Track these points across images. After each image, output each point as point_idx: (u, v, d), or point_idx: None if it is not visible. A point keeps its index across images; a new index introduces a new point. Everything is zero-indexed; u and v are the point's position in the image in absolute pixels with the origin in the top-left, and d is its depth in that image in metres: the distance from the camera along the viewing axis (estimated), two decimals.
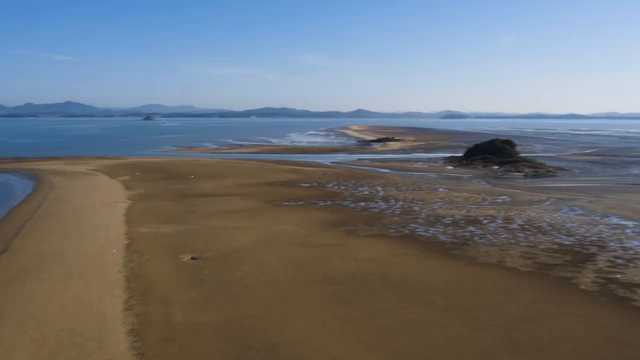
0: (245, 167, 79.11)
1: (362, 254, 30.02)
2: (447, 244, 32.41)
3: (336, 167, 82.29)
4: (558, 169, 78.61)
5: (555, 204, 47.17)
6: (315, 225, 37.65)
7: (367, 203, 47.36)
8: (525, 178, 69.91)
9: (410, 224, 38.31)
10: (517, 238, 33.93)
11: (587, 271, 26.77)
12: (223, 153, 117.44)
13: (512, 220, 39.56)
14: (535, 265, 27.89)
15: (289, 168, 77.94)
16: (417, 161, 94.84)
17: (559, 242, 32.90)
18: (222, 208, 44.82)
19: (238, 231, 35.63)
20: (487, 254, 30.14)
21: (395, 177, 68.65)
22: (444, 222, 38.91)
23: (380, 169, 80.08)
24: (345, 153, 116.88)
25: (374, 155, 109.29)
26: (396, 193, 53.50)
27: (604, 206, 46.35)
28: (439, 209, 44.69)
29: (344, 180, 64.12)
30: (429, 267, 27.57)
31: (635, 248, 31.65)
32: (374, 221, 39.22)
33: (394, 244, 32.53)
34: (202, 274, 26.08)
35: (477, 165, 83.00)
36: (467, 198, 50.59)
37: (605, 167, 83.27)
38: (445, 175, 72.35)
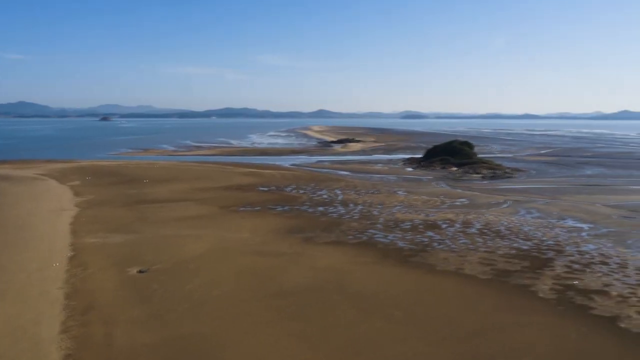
0: (202, 171, 77.25)
1: (319, 262, 29.10)
2: (405, 251, 31.81)
3: (296, 169, 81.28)
4: (515, 170, 79.60)
5: (512, 207, 47.35)
6: (271, 232, 36.53)
7: (326, 208, 46.51)
8: (483, 180, 70.42)
9: (368, 230, 37.62)
10: (475, 243, 33.62)
11: (545, 278, 26.54)
12: (180, 155, 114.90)
13: (471, 225, 39.35)
14: (494, 272, 27.52)
15: (247, 171, 76.51)
16: (377, 163, 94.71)
17: (517, 247, 32.74)
18: (175, 214, 43.21)
19: (191, 240, 34.20)
20: (445, 260, 29.66)
21: (355, 179, 68.10)
22: (402, 227, 38.38)
23: (340, 171, 79.46)
24: (306, 155, 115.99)
25: (334, 157, 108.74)
26: (355, 197, 52.84)
27: (559, 208, 46.77)
28: (398, 213, 44.19)
29: (303, 183, 63.15)
30: (387, 275, 26.85)
31: (590, 252, 31.73)
32: (332, 227, 38.37)
33: (352, 251, 31.73)
34: (150, 289, 24.66)
35: (436, 166, 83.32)
36: (426, 201, 50.34)
37: (560, 168, 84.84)
38: (404, 177, 72.23)
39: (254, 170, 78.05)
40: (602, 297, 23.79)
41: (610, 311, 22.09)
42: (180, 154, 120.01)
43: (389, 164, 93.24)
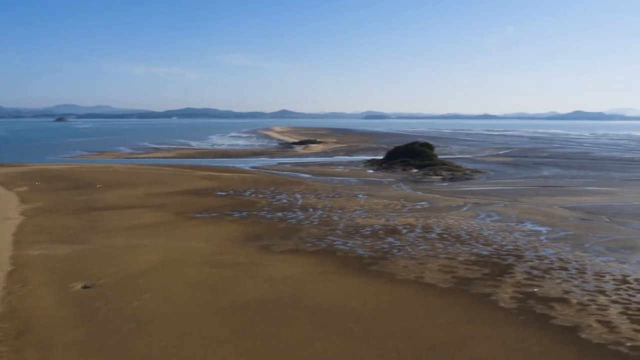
0: (159, 174, 75.04)
1: (275, 273, 28.00)
2: (365, 259, 31.02)
3: (255, 172, 79.90)
4: (474, 171, 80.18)
5: (472, 210, 47.25)
6: (227, 241, 35.22)
7: (285, 213, 45.42)
8: (443, 181, 70.56)
9: (328, 236, 36.72)
10: (436, 249, 33.11)
11: (505, 285, 26.13)
12: (137, 158, 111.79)
13: (431, 229, 38.92)
14: (455, 280, 26.97)
15: (205, 174, 74.69)
16: (338, 165, 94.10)
17: (477, 253, 32.37)
18: (128, 222, 41.37)
19: (142, 250, 32.59)
20: (405, 268, 28.99)
21: (316, 182, 67.21)
22: (362, 233, 37.63)
23: (300, 173, 78.49)
24: (266, 156, 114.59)
25: (295, 159, 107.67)
26: (315, 201, 51.92)
27: (518, 211, 46.91)
28: (358, 217, 43.47)
29: (262, 187, 61.87)
30: (346, 286, 25.97)
31: (549, 257, 31.61)
32: (290, 234, 37.31)
33: (310, 260, 30.74)
34: (93, 307, 23.09)
35: (397, 168, 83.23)
36: (387, 205, 49.81)
37: (518, 169, 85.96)
38: (365, 179, 71.77)
39: (213, 173, 76.29)
40: (563, 305, 23.48)
41: (570, 320, 21.74)
42: (137, 156, 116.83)
43: (350, 165, 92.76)
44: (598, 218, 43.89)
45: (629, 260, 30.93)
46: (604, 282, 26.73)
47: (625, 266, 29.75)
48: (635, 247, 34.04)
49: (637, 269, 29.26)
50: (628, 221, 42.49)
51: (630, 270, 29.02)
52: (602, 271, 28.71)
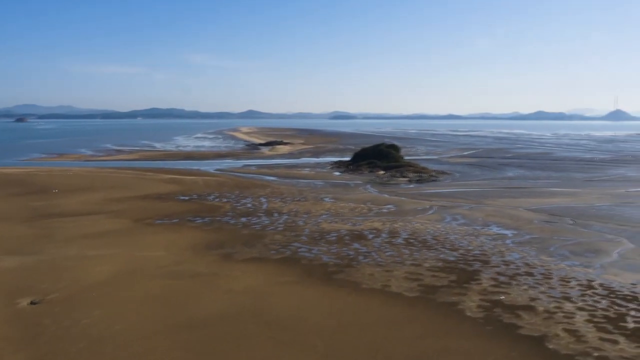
0: (120, 178, 72.81)
1: (237, 284, 26.94)
2: (330, 267, 30.21)
3: (220, 175, 78.35)
4: (440, 172, 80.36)
5: (438, 213, 47.01)
6: (188, 249, 33.94)
7: (249, 218, 44.30)
8: (409, 183, 70.40)
9: (293, 243, 35.79)
10: (402, 255, 32.54)
11: (472, 293, 25.67)
12: (99, 160, 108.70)
13: (397, 234, 38.39)
14: (421, 288, 26.39)
15: (168, 178, 72.81)
16: (304, 167, 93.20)
17: (443, 259, 31.92)
18: (84, 231, 39.63)
19: (97, 261, 31.07)
20: (371, 277, 28.28)
21: (282, 185, 66.19)
22: (328, 239, 36.83)
23: (266, 176, 77.32)
24: (232, 158, 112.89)
25: (261, 161, 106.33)
26: (281, 205, 50.93)
27: (484, 213, 46.86)
28: (324, 222, 42.68)
29: (227, 190, 60.55)
30: (310, 297, 25.10)
31: (515, 262, 31.38)
32: (254, 241, 36.25)
33: (273, 269, 29.77)
34: (41, 325, 21.64)
35: (364, 170, 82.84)
36: (353, 208, 49.18)
37: (483, 170, 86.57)
38: (332, 182, 71.07)
39: (176, 176, 74.45)
40: (529, 313, 23.10)
41: (538, 330, 21.35)
42: (98, 159, 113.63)
43: (316, 167, 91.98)
44: (562, 220, 44.12)
45: (593, 264, 30.92)
46: (569, 288, 26.54)
47: (590, 270, 29.70)
48: (598, 251, 34.13)
49: (601, 273, 29.24)
50: (591, 223, 42.80)
51: (594, 274, 28.97)
52: (568, 276, 28.57)
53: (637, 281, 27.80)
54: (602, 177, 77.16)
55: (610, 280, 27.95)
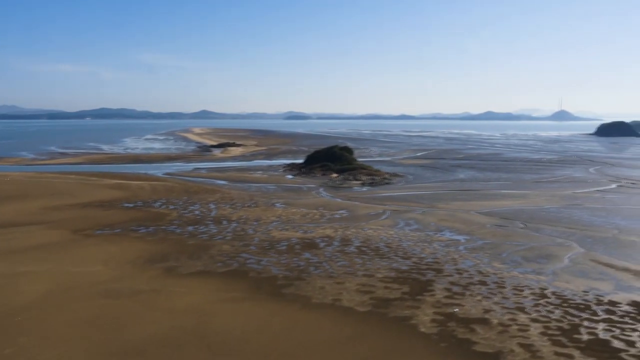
0: (62, 183, 69.24)
1: (179, 302, 25.27)
2: (279, 279, 28.88)
3: (169, 179, 75.68)
4: (393, 175, 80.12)
5: (391, 218, 46.34)
6: (129, 263, 31.93)
7: (196, 227, 42.45)
8: (363, 186, 69.75)
9: (241, 254, 34.27)
10: (354, 265, 31.53)
11: (425, 306, 24.85)
12: (40, 165, 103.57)
13: (350, 242, 37.40)
14: (373, 302, 25.40)
15: (113, 183, 69.76)
16: (257, 170, 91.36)
17: (396, 268, 31.09)
18: (15, 244, 36.93)
19: (27, 279, 28.74)
20: (322, 290, 27.12)
21: (232, 190, 64.32)
22: (278, 249, 35.49)
23: (217, 180, 75.15)
24: (182, 161, 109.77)
25: (212, 164, 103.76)
26: (230, 212, 49.21)
27: (436, 218, 46.49)
28: (274, 230, 41.29)
29: (174, 196, 58.29)
30: (257, 315, 23.70)
31: (469, 270, 30.85)
32: (200, 252, 34.52)
33: (219, 283, 28.21)
34: None
35: (317, 173, 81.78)
36: (305, 214, 47.97)
37: (435, 172, 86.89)
38: (284, 186, 69.63)
39: (122, 181, 71.44)
40: (484, 327, 22.42)
41: (493, 345, 20.65)
42: (40, 162, 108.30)
43: (269, 170, 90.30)
44: (513, 224, 44.18)
45: (545, 271, 30.72)
46: (523, 298, 26.11)
47: (542, 278, 29.44)
48: (550, 256, 34.06)
49: (553, 280, 29.03)
50: (541, 227, 42.99)
51: (547, 282, 28.71)
52: (521, 284, 28.18)
53: (589, 288, 27.67)
54: (550, 178, 78.63)
55: (562, 288, 27.71)
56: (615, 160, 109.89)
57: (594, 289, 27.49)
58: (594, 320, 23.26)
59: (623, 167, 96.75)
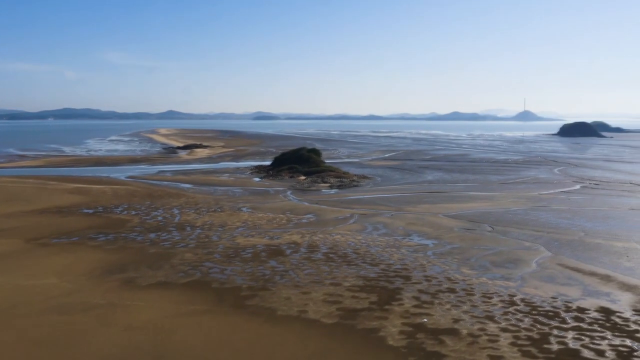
0: (18, 188, 66.55)
1: (137, 317, 24.00)
2: (244, 290, 27.84)
3: (132, 183, 73.57)
4: (362, 177, 79.65)
5: (359, 222, 45.70)
6: (84, 275, 30.40)
7: (159, 234, 41.00)
8: (331, 189, 69.03)
9: (204, 262, 33.07)
10: (321, 273, 30.69)
11: (394, 316, 24.15)
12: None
13: (317, 248, 36.55)
14: (340, 313, 24.59)
15: (73, 187, 67.38)
16: (223, 172, 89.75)
17: (364, 275, 30.37)
18: None
19: None
20: (288, 301, 26.18)
21: (197, 194, 62.79)
22: (243, 257, 34.40)
23: (182, 183, 73.39)
24: (147, 164, 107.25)
25: (178, 166, 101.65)
26: (194, 217, 47.83)
27: (405, 222, 46.05)
28: (239, 236, 40.17)
29: (137, 201, 56.52)
30: (219, 330, 22.63)
31: (437, 276, 30.34)
32: (161, 261, 33.18)
33: (180, 296, 27.00)
34: None
35: (285, 175, 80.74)
36: (272, 219, 46.94)
37: (403, 173, 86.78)
38: (251, 189, 68.38)
39: (82, 185, 69.07)
40: (453, 338, 21.83)
41: (462, 358, 20.06)
42: None
43: (236, 173, 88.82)
44: (481, 227, 44.04)
45: (513, 277, 30.43)
46: (492, 305, 25.67)
47: (511, 284, 29.12)
48: (518, 260, 33.85)
49: (522, 286, 28.73)
50: (509, 230, 42.93)
51: (515, 288, 28.38)
52: (490, 291, 27.78)
53: (557, 294, 27.43)
54: (516, 179, 79.30)
55: (531, 294, 27.40)
56: (578, 161, 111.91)
57: (562, 295, 27.26)
58: (563, 328, 22.93)
59: (586, 167, 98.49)
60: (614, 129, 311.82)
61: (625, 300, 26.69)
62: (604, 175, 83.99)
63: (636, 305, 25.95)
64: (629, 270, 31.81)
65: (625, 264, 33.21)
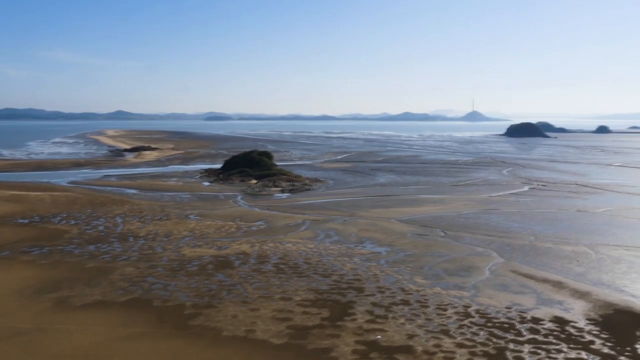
0: None
1: (69, 343, 22.01)
2: (187, 308, 26.16)
3: (73, 189, 70.01)
4: (314, 180, 78.59)
5: (311, 229, 44.53)
6: (13, 296, 28.00)
7: (98, 246, 38.64)
8: (282, 193, 67.66)
9: (147, 277, 31.13)
10: (271, 287, 29.31)
11: (346, 334, 23.03)
12: None
13: (267, 259, 35.14)
14: (290, 331, 23.29)
15: (9, 195, 63.45)
16: (172, 176, 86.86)
17: (315, 288, 29.18)
18: None
19: None
20: (234, 319, 24.68)
21: (143, 200, 60.17)
22: (188, 270, 32.63)
23: (127, 189, 70.40)
24: (91, 167, 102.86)
25: (124, 170, 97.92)
26: (138, 226, 45.55)
27: (357, 228, 45.20)
28: (185, 247, 38.31)
29: (77, 209, 53.57)
30: (159, 356, 20.93)
31: (391, 287, 29.47)
32: (99, 278, 31.03)
33: (118, 316, 25.08)
34: None
35: (235, 180, 78.80)
36: (220, 227, 45.19)
37: (355, 176, 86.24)
38: (200, 194, 66.15)
39: (19, 193, 65.16)
40: (408, 356, 20.90)
41: None
42: None
43: (185, 177, 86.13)
44: (433, 232, 43.64)
45: (467, 286, 29.89)
46: (447, 318, 24.92)
47: (465, 293, 28.53)
48: (471, 268, 33.42)
49: (476, 296, 28.19)
50: (461, 235, 42.68)
51: (469, 298, 27.80)
52: (444, 302, 27.07)
53: (512, 304, 26.99)
54: (466, 181, 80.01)
55: (485, 304, 26.84)
56: (526, 162, 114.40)
57: (516, 305, 26.83)
58: (519, 342, 22.35)
59: (533, 168, 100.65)
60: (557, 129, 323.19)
61: (578, 308, 26.49)
62: (550, 176, 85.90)
63: (589, 313, 25.76)
64: (579, 276, 31.83)
65: (576, 269, 33.28)
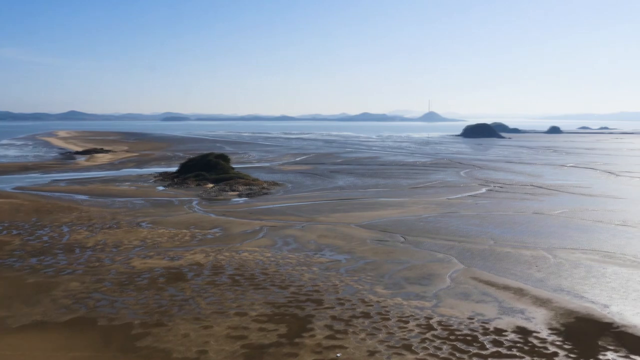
0: None
1: None
2: (135, 327, 24.49)
3: (18, 195, 66.51)
4: (272, 184, 77.15)
5: (268, 236, 43.20)
6: None
7: (41, 258, 36.32)
8: (240, 197, 65.99)
9: (92, 293, 29.23)
10: (225, 302, 27.89)
11: (305, 351, 21.88)
12: None
13: (222, 270, 33.65)
14: (245, 351, 21.98)
15: None
16: (125, 180, 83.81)
17: (272, 301, 27.93)
18: None
19: None
20: (186, 339, 23.18)
21: (92, 207, 57.51)
22: (138, 284, 30.85)
23: (76, 194, 67.33)
24: (40, 171, 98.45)
25: (74, 174, 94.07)
26: (86, 235, 43.26)
27: (316, 234, 44.12)
28: (136, 258, 36.40)
29: (21, 218, 50.66)
30: None
31: (351, 298, 28.48)
32: (40, 295, 28.94)
33: (59, 338, 23.22)
34: None
35: (191, 183, 76.56)
36: (174, 236, 43.36)
37: (315, 179, 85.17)
38: (153, 200, 63.79)
39: None
40: None
41: None
42: None
43: (138, 181, 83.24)
44: (393, 238, 42.98)
45: (428, 295, 29.18)
46: (408, 332, 24.07)
47: (427, 304, 27.80)
48: (432, 275, 32.78)
49: (437, 306, 27.49)
50: (421, 240, 42.14)
51: (430, 309, 27.08)
52: (405, 314, 26.24)
53: (474, 314, 26.37)
54: (425, 183, 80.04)
55: (447, 315, 26.14)
56: (482, 163, 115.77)
57: (478, 315, 26.23)
58: (482, 355, 21.68)
59: (489, 169, 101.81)
60: (512, 130, 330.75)
61: (539, 317, 26.08)
62: (507, 178, 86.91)
63: (551, 322, 25.37)
64: (539, 282, 31.59)
65: (536, 275, 33.07)
